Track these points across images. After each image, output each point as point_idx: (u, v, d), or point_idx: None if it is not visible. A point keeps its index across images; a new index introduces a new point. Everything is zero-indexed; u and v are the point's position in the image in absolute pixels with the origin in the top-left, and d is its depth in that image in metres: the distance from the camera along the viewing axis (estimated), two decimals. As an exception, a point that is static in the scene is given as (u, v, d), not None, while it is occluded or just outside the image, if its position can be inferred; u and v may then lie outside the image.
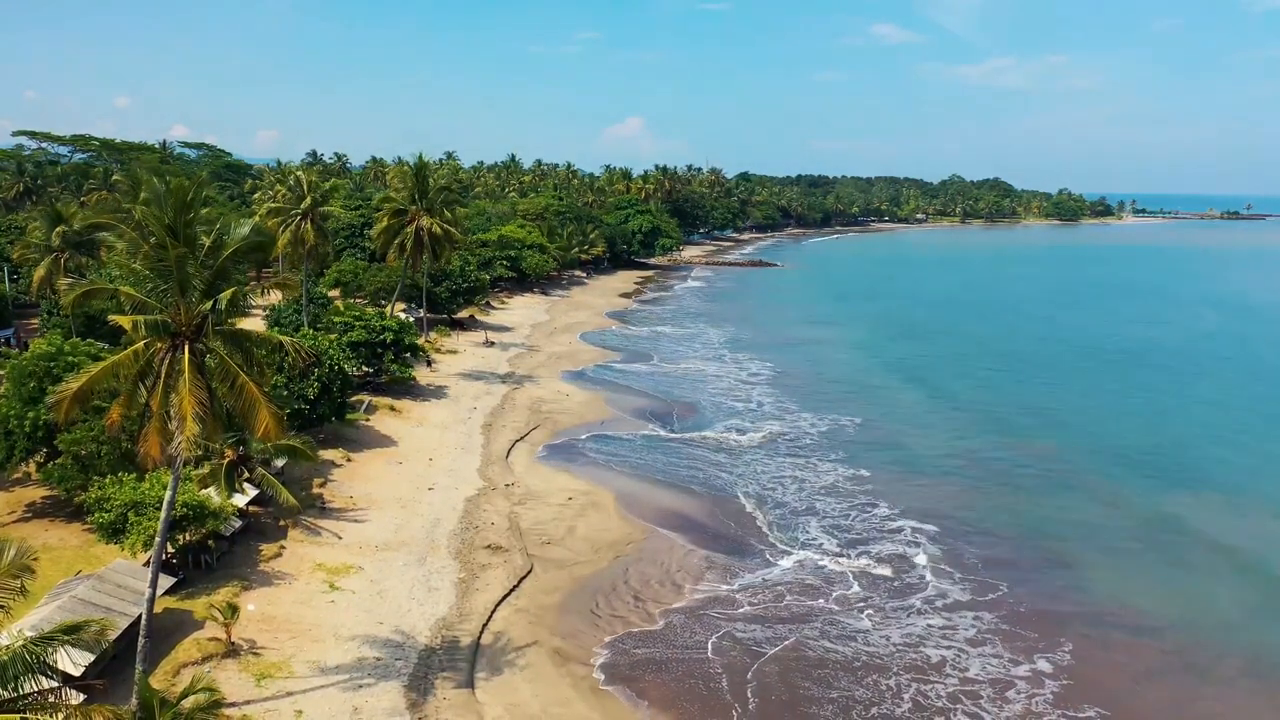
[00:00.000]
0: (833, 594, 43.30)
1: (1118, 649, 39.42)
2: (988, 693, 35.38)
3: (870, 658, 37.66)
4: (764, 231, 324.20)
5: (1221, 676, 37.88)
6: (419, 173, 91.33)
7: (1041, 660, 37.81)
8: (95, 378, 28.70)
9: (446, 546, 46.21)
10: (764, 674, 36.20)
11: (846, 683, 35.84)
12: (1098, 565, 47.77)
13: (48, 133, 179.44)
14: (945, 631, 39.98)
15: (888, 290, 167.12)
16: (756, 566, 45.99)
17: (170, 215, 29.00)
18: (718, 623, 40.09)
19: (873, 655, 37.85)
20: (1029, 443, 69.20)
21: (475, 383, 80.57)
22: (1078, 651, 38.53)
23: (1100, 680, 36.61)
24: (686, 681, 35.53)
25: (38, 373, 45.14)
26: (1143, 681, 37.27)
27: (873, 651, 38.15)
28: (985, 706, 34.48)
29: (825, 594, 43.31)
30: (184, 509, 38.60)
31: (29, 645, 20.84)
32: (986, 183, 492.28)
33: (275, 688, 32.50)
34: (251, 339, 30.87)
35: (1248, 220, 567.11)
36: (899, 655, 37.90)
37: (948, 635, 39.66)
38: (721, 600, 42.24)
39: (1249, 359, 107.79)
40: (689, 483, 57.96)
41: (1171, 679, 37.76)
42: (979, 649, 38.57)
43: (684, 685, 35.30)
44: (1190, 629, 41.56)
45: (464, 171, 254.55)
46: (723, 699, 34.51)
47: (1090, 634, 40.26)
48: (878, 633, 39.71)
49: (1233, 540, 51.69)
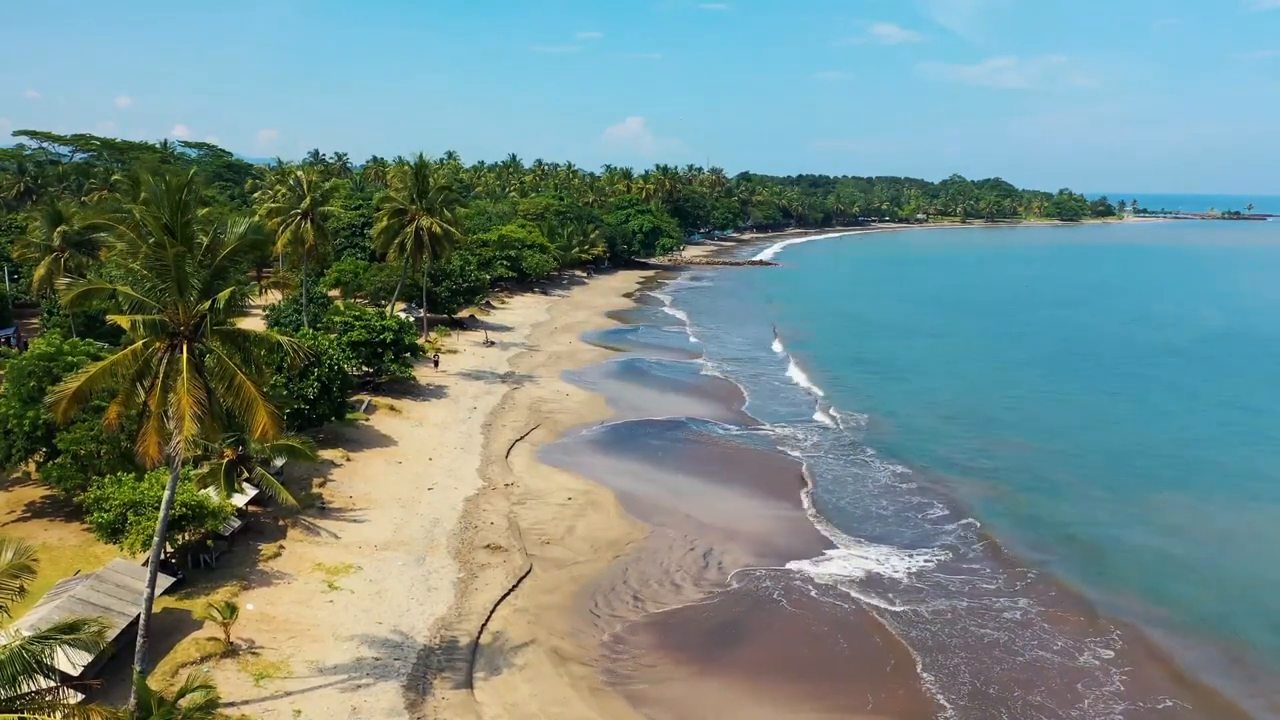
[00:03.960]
0: (839, 589, 43.37)
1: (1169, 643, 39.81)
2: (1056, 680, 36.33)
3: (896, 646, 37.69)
4: (764, 231, 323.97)
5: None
6: (419, 172, 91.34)
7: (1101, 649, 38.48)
8: (94, 377, 28.67)
9: (446, 546, 46.20)
10: (777, 672, 36.21)
11: (859, 677, 35.87)
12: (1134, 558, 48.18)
13: (48, 132, 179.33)
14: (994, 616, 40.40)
15: (891, 291, 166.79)
16: (761, 564, 45.97)
17: (168, 214, 28.98)
18: (718, 622, 40.08)
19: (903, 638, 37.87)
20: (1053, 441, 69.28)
21: (475, 382, 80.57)
22: (1130, 642, 39.16)
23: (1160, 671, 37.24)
24: (686, 681, 35.50)
25: (37, 372, 45.13)
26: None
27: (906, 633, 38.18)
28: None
29: (828, 594, 43.35)
30: (183, 508, 38.60)
31: (27, 645, 20.83)
32: (987, 183, 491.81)
33: (274, 687, 32.49)
34: (250, 338, 30.84)
35: (1249, 220, 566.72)
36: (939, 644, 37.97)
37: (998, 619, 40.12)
38: (723, 600, 42.24)
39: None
40: (690, 483, 57.91)
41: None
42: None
43: (683, 685, 35.27)
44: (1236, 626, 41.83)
45: (465, 171, 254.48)
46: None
47: (1142, 627, 40.81)
48: (898, 625, 39.80)
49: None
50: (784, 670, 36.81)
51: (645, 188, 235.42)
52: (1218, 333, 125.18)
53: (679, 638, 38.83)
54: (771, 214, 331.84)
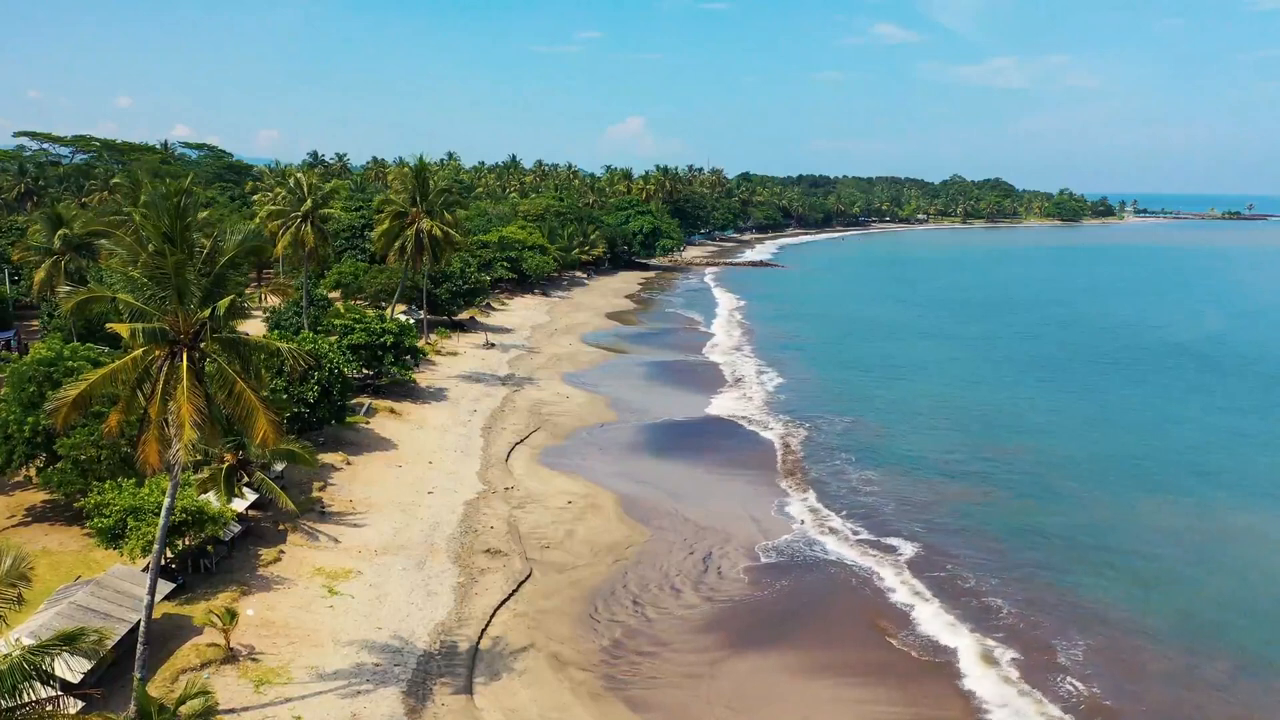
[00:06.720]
0: (839, 589, 43.40)
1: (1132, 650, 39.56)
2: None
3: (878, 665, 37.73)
4: (765, 232, 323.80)
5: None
6: (419, 175, 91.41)
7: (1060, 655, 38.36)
8: (94, 384, 28.72)
9: (446, 550, 46.22)
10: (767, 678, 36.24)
11: (854, 685, 35.88)
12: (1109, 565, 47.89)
13: (49, 133, 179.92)
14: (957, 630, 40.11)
15: (895, 292, 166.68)
16: (760, 567, 45.98)
17: (168, 222, 29.01)
18: (718, 627, 40.10)
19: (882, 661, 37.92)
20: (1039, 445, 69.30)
21: (475, 385, 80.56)
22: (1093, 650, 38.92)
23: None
24: (686, 686, 35.53)
25: (37, 377, 45.17)
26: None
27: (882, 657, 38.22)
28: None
29: (827, 600, 43.34)
30: (183, 514, 38.60)
31: (28, 654, 20.84)
32: (988, 183, 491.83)
33: (274, 694, 32.50)
34: (250, 345, 30.87)
35: (1249, 220, 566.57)
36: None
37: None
38: (723, 604, 42.25)
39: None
40: (691, 486, 57.90)
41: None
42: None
43: (682, 690, 35.31)
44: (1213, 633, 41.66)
45: (465, 172, 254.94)
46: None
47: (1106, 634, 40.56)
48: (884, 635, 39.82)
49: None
50: (785, 673, 36.80)
51: (645, 188, 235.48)
52: (1217, 334, 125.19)
53: (679, 642, 38.80)
54: (772, 214, 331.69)
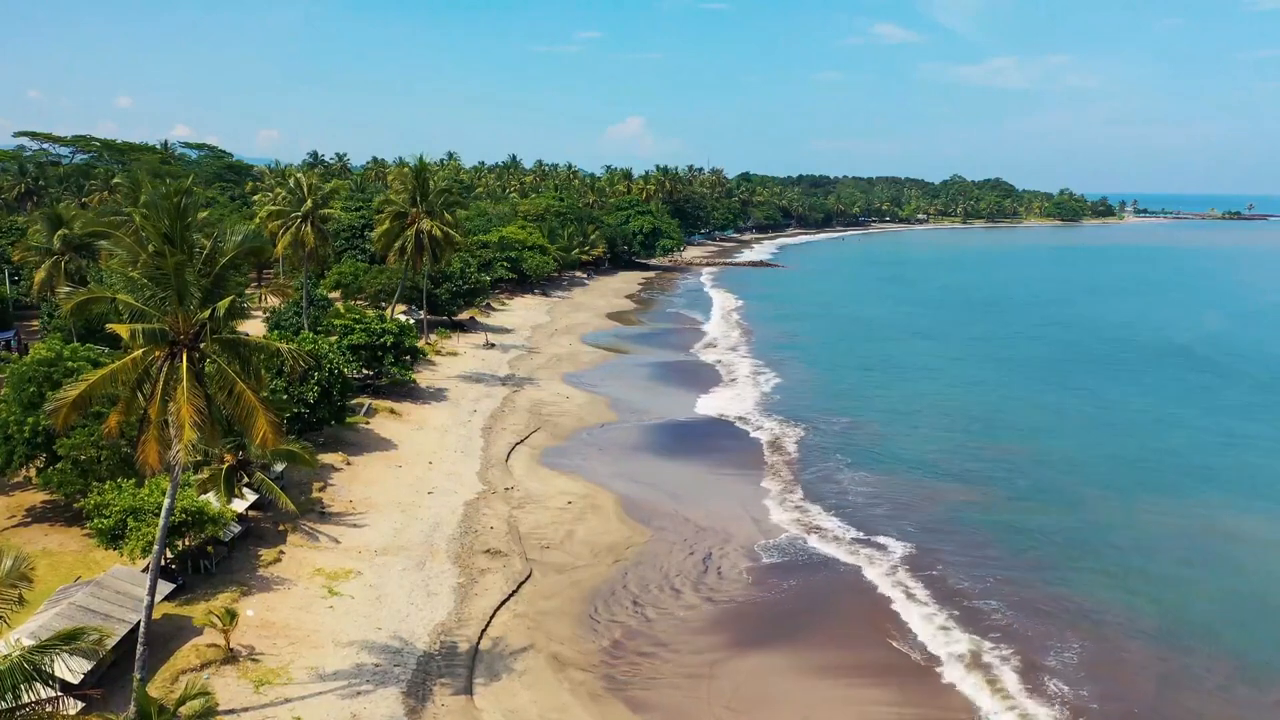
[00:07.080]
0: (838, 604, 43.42)
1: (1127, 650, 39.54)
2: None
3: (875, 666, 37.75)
4: (765, 232, 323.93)
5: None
6: (419, 175, 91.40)
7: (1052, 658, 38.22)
8: (94, 385, 28.73)
9: (446, 551, 46.23)
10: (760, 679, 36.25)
11: (847, 686, 35.91)
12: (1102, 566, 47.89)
13: (49, 133, 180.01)
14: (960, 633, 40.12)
15: (894, 292, 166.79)
16: (760, 568, 45.99)
17: (167, 223, 29.02)
18: (718, 627, 40.10)
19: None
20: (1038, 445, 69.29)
21: (475, 385, 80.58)
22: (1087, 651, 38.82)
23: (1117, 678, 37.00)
24: (685, 687, 35.53)
25: (37, 378, 45.19)
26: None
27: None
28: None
29: (828, 600, 43.37)
30: (183, 514, 38.63)
31: (28, 655, 20.86)
32: (988, 183, 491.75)
33: (274, 694, 32.51)
34: (250, 346, 30.88)
35: (1249, 220, 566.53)
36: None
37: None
38: (723, 604, 42.27)
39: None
40: (691, 486, 57.90)
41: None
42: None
43: (682, 690, 35.31)
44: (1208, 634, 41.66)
45: (465, 172, 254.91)
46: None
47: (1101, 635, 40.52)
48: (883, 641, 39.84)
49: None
50: (785, 674, 36.81)
51: (645, 188, 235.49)
52: (1216, 335, 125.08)
53: (679, 643, 38.80)
54: (772, 214, 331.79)
